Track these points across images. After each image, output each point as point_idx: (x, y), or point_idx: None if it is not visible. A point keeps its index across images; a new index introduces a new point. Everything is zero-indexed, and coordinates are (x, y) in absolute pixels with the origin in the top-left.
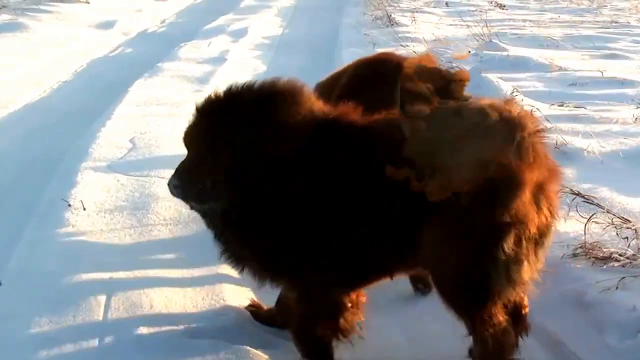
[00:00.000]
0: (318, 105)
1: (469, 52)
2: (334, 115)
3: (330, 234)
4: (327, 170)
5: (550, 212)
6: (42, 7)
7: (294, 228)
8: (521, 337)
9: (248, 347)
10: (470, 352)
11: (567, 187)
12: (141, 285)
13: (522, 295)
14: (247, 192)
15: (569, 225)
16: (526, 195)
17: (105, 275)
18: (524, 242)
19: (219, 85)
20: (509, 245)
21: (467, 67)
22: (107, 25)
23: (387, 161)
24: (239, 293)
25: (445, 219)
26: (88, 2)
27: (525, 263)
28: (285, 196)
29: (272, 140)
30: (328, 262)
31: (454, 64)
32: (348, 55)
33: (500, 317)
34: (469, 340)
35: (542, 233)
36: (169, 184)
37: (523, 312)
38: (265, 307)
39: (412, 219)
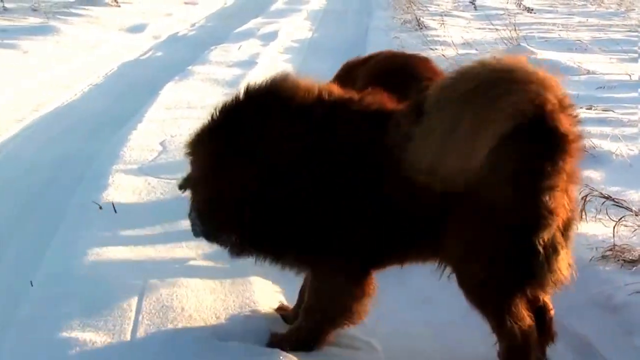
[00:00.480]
0: (332, 91)
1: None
2: (353, 102)
3: (352, 219)
4: (350, 161)
5: (571, 207)
6: (73, 11)
7: (323, 214)
8: (548, 344)
9: (278, 350)
10: (499, 354)
11: (596, 190)
12: (172, 288)
13: (549, 295)
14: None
15: (597, 228)
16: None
17: (136, 277)
18: (557, 232)
19: None
20: (548, 233)
21: None
22: (138, 28)
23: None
24: (269, 296)
25: (475, 208)
26: (119, 6)
27: (562, 251)
28: (313, 185)
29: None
30: (348, 245)
31: None
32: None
33: (525, 312)
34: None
35: (567, 226)
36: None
37: (548, 316)
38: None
39: (435, 208)
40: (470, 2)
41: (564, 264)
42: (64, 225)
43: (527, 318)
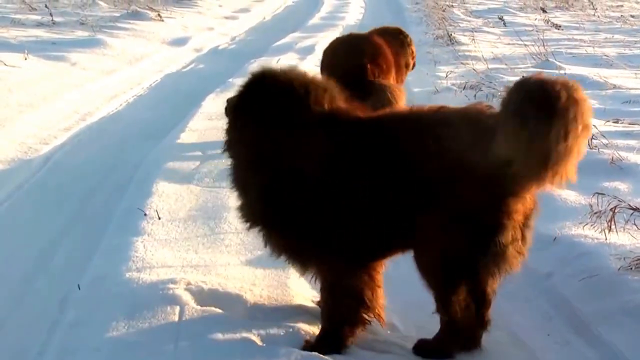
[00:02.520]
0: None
1: (523, 77)
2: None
3: (350, 215)
4: (352, 162)
5: (532, 200)
6: (119, 25)
7: (324, 212)
8: (482, 330)
9: (317, 355)
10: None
11: (624, 202)
12: (214, 292)
13: (493, 286)
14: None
15: (626, 238)
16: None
17: (179, 282)
18: (516, 228)
19: None
20: (506, 235)
21: None
22: (180, 42)
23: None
24: (309, 298)
25: (445, 205)
26: (162, 20)
27: (513, 244)
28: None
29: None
30: (347, 240)
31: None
32: (411, 74)
33: (468, 297)
34: None
35: (528, 217)
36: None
37: (487, 304)
38: None
39: (413, 204)
40: (500, 19)
41: (515, 260)
42: (110, 231)
43: (469, 303)
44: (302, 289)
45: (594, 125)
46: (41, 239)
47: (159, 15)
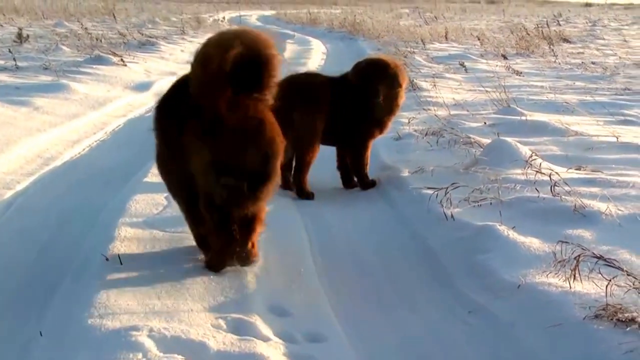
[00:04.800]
0: None
1: (485, 123)
2: None
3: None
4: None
5: None
6: (82, 69)
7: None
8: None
9: None
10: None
11: (588, 250)
12: (178, 339)
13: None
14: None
15: (590, 287)
16: None
17: (143, 329)
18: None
19: None
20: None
21: (486, 131)
22: (143, 87)
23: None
24: (273, 350)
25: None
26: (125, 65)
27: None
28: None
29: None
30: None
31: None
32: None
33: (233, 226)
34: None
35: None
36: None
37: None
38: None
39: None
40: (461, 65)
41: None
42: (71, 276)
43: (234, 230)
44: (269, 336)
45: (556, 173)
46: (1, 284)
47: (122, 60)
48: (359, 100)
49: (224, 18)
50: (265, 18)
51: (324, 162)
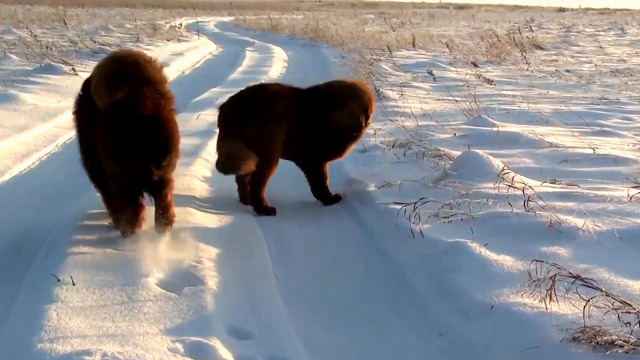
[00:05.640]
0: None
1: (454, 134)
2: None
3: None
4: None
5: None
6: (31, 79)
7: None
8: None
9: None
10: None
11: (564, 269)
12: None
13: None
14: None
15: (567, 308)
16: None
17: (96, 354)
18: None
19: (210, 158)
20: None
21: (456, 143)
22: None
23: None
24: None
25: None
26: (77, 74)
27: None
28: None
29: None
30: None
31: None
32: None
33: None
34: None
35: None
36: None
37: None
38: None
39: None
40: (429, 73)
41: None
42: (21, 298)
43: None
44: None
45: (529, 187)
46: None
47: (73, 69)
48: (325, 117)
49: (180, 25)
50: (224, 24)
51: (286, 173)
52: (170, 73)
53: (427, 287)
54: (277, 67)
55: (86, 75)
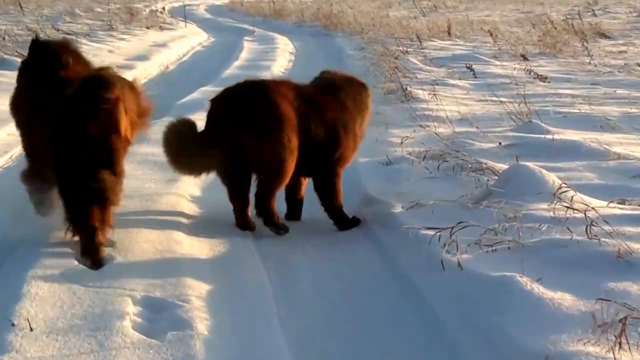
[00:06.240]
0: None
1: (499, 143)
2: None
3: None
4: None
5: None
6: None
7: None
8: None
9: None
10: None
11: (635, 310)
12: None
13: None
14: None
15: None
16: None
17: None
18: None
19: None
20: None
21: (501, 154)
22: None
23: None
24: None
25: None
26: None
27: None
28: None
29: None
30: None
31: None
32: None
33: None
34: None
35: None
36: None
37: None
38: None
39: None
40: (468, 69)
41: None
42: None
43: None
44: None
45: (592, 208)
46: None
47: None
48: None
49: (163, 9)
50: (216, 9)
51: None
52: (151, 69)
53: (464, 332)
54: (281, 61)
55: None
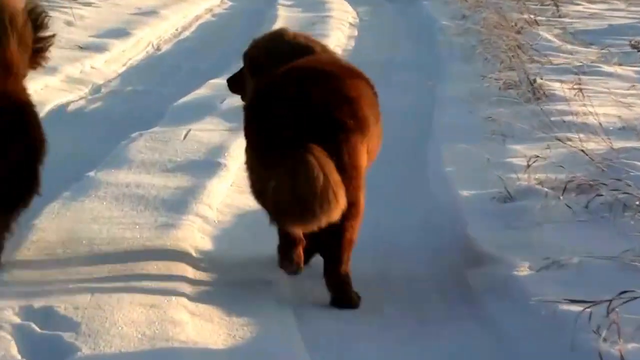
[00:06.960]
0: None
1: None
2: None
3: None
4: None
5: None
6: None
7: None
8: None
9: None
10: None
11: None
12: None
13: None
14: None
15: None
16: None
17: None
18: None
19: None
20: None
21: None
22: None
23: None
24: None
25: None
26: None
27: None
28: None
29: None
30: None
31: None
32: (459, 161)
33: None
34: None
35: None
36: None
37: None
38: None
39: None
40: (634, 48)
41: None
42: None
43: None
44: None
45: None
46: None
47: None
48: None
49: None
50: None
51: None
52: (134, 48)
53: None
54: (337, 35)
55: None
